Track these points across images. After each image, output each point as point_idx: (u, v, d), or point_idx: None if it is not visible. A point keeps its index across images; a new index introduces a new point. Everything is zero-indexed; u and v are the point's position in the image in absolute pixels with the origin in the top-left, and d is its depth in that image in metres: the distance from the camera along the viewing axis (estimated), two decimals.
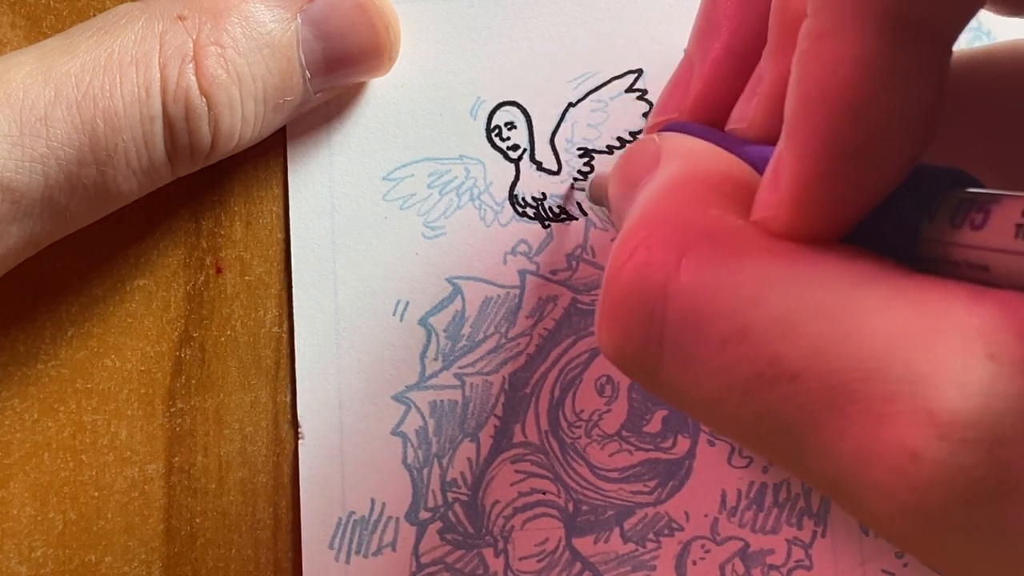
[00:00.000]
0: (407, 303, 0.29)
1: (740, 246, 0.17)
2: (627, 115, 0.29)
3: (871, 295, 0.15)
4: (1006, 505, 0.13)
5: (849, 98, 0.15)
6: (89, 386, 0.28)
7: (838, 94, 0.15)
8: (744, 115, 0.21)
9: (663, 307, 0.17)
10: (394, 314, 0.29)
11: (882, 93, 0.15)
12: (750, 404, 0.16)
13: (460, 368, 0.29)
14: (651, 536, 0.29)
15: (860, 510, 0.15)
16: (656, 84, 0.29)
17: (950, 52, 0.16)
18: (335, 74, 0.27)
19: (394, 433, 0.28)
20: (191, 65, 0.24)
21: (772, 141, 0.18)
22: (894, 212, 0.16)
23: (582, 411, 0.29)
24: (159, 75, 0.24)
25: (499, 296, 0.29)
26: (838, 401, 0.15)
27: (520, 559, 0.29)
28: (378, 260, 0.29)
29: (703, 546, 0.29)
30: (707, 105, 0.23)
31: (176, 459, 0.28)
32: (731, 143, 0.20)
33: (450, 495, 0.29)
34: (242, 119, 0.25)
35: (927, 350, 0.14)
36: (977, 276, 0.15)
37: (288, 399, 0.28)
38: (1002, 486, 0.13)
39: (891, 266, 0.16)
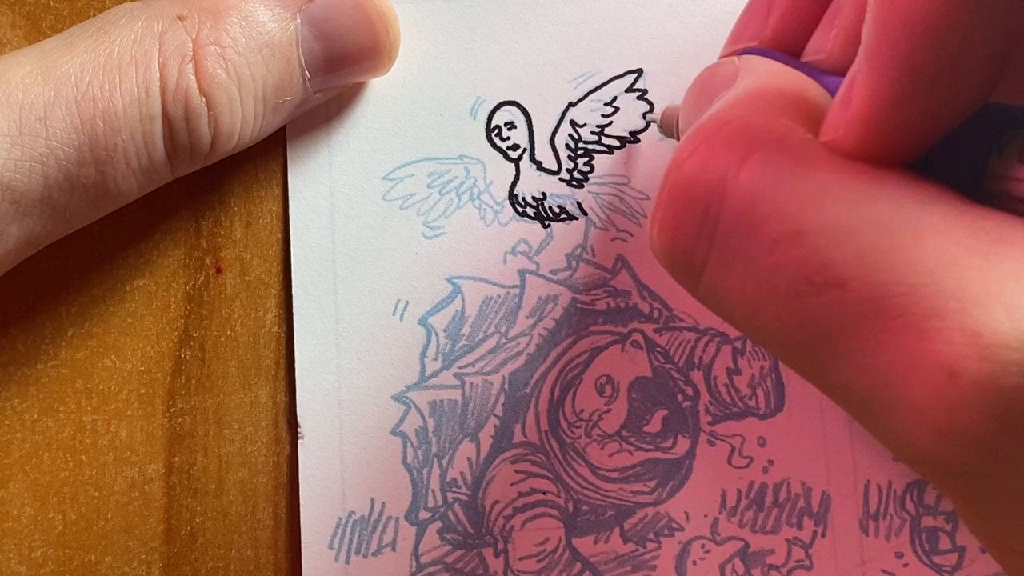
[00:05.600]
0: (407, 303, 0.29)
1: (805, 154, 0.16)
2: (627, 115, 0.29)
3: (930, 214, 0.15)
4: None
5: (930, 22, 0.15)
6: (89, 386, 0.28)
7: (920, 17, 0.15)
8: (822, 46, 0.21)
9: (720, 202, 0.17)
10: (394, 314, 0.28)
11: (964, 20, 0.15)
12: (794, 309, 0.16)
13: (460, 368, 0.29)
14: (651, 536, 0.29)
15: (887, 430, 0.15)
16: (656, 84, 0.29)
17: None
18: (335, 74, 0.27)
19: (394, 433, 0.28)
20: (190, 65, 0.24)
21: None
22: (961, 144, 0.16)
23: (582, 411, 0.29)
24: (158, 75, 0.24)
25: (499, 296, 0.29)
26: (883, 313, 0.14)
27: (520, 559, 0.29)
28: (378, 260, 0.29)
29: (703, 546, 0.29)
30: (785, 35, 0.23)
31: (176, 459, 0.28)
32: (808, 73, 0.20)
33: (450, 495, 0.29)
34: (242, 119, 0.25)
35: (980, 271, 0.14)
36: None
37: (288, 399, 0.28)
38: None
39: (953, 194, 0.15)
